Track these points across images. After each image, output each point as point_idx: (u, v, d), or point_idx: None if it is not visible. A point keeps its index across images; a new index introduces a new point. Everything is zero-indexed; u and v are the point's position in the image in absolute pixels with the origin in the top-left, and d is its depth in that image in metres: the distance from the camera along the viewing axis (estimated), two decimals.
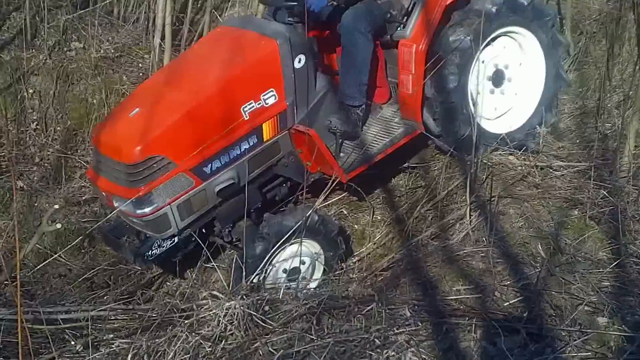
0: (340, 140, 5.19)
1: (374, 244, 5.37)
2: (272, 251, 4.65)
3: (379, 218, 5.59)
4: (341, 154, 5.19)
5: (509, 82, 5.64)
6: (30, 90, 7.02)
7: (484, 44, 5.29)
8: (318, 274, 5.11)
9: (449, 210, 5.31)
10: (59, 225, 4.34)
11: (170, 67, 5.61)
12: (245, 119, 4.78)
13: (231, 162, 4.80)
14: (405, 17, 5.25)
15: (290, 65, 4.87)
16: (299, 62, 4.92)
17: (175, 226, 4.73)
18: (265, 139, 4.92)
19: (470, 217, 5.11)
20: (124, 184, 4.57)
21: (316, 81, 5.13)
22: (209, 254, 4.64)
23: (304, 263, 4.96)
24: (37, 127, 6.86)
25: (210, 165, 4.71)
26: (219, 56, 4.99)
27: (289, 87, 4.91)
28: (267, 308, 3.95)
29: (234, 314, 3.81)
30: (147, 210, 4.58)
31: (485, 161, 5.58)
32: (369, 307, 3.96)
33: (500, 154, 5.74)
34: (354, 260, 5.23)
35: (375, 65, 5.37)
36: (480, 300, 4.31)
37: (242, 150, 4.82)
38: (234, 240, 5.10)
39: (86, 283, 4.61)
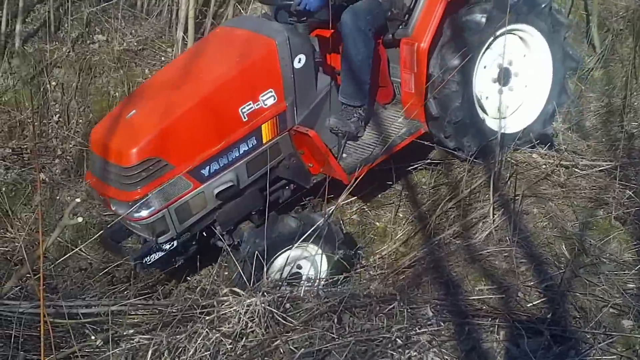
0: (342, 141, 5.15)
1: (396, 241, 5.33)
2: (271, 256, 4.66)
3: (400, 216, 5.57)
4: (343, 155, 5.15)
5: (516, 77, 5.58)
6: (53, 83, 7.05)
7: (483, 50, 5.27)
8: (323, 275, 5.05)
9: (472, 209, 5.26)
10: (80, 219, 4.28)
11: (169, 68, 5.53)
12: (244, 120, 4.72)
13: (230, 164, 4.75)
14: (407, 15, 5.20)
15: (289, 65, 4.81)
16: (299, 62, 4.85)
17: (174, 229, 4.67)
18: (264, 141, 4.86)
19: (493, 216, 5.07)
20: (121, 187, 4.52)
21: (317, 81, 5.05)
22: (229, 249, 4.64)
23: (301, 267, 4.95)
24: (60, 119, 6.88)
25: (208, 167, 4.66)
26: (217, 57, 4.95)
27: (288, 87, 4.85)
28: (288, 306, 3.93)
29: (255, 311, 3.79)
30: (144, 213, 4.53)
31: (509, 159, 5.55)
32: (390, 306, 3.93)
33: (524, 151, 5.71)
34: (376, 258, 5.21)
35: (377, 65, 5.33)
36: (503, 301, 4.27)
37: (241, 152, 4.77)
38: (236, 243, 5.02)
39: (107, 277, 4.61)
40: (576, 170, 5.55)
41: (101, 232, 4.59)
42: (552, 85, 5.68)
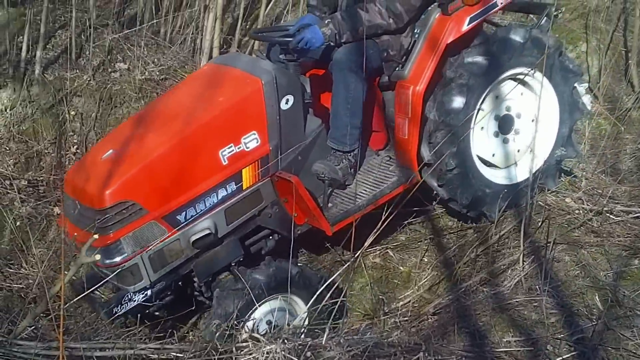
0: (329, 189, 5.07)
1: (420, 287, 5.35)
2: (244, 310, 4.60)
3: (426, 260, 5.58)
4: (329, 204, 5.05)
5: (519, 126, 5.49)
6: (72, 112, 7.10)
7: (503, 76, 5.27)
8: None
9: (500, 255, 5.29)
10: (97, 257, 4.31)
11: (150, 106, 5.43)
12: (224, 163, 4.63)
13: (207, 211, 4.63)
14: (404, 57, 5.16)
15: (275, 106, 4.71)
16: (286, 103, 4.75)
17: (147, 278, 4.54)
18: (245, 186, 4.75)
19: (523, 263, 5.09)
20: (93, 230, 4.29)
21: (306, 124, 4.95)
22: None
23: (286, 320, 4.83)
24: (77, 151, 6.94)
25: (184, 213, 4.55)
26: (200, 95, 4.85)
27: (272, 129, 4.75)
28: (309, 354, 3.95)
29: (275, 359, 3.84)
30: (116, 259, 4.42)
31: (541, 203, 5.58)
32: (415, 357, 3.97)
33: (556, 195, 5.75)
34: (399, 305, 5.22)
35: (371, 108, 5.28)
36: (531, 354, 4.31)
37: (219, 197, 4.66)
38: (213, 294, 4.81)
39: (121, 318, 4.65)
40: (611, 216, 5.58)
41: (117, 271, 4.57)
42: (557, 137, 5.61)
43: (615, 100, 7.33)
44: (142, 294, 4.60)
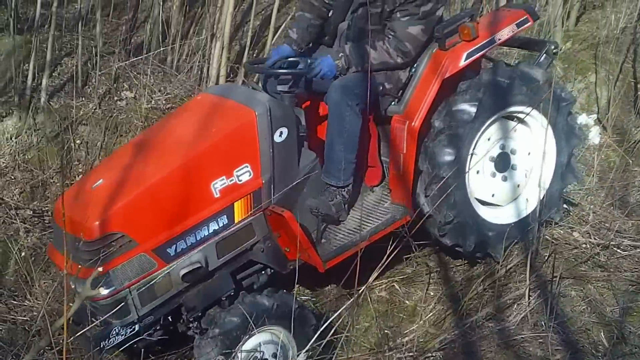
0: (322, 224, 5.04)
1: (426, 322, 5.37)
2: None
3: (432, 294, 5.60)
4: (322, 240, 5.02)
5: (516, 163, 5.44)
6: (78, 141, 7.18)
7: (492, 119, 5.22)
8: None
9: (507, 289, 5.31)
10: (103, 292, 4.34)
11: (142, 136, 5.42)
12: (215, 196, 4.60)
13: (198, 244, 4.59)
14: (401, 91, 5.16)
15: (268, 139, 4.68)
16: (280, 135, 4.73)
17: (135, 312, 4.50)
18: (236, 220, 4.70)
19: (529, 298, 5.12)
20: (82, 262, 4.33)
21: (300, 157, 4.92)
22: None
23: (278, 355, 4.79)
24: None
25: (174, 246, 4.50)
26: (193, 126, 4.83)
27: (265, 163, 4.72)
28: None
29: None
30: (104, 292, 4.36)
31: (547, 237, 5.62)
32: None
33: (563, 229, 5.79)
34: (405, 340, 5.24)
35: (366, 143, 5.27)
36: None
37: (210, 231, 4.61)
38: (203, 330, 4.74)
39: (126, 353, 4.67)
40: (618, 250, 5.61)
41: (121, 304, 4.56)
42: (557, 166, 5.56)
43: (624, 132, 7.35)
44: (130, 327, 4.56)
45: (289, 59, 5.14)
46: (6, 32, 7.91)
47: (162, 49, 8.17)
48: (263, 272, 5.11)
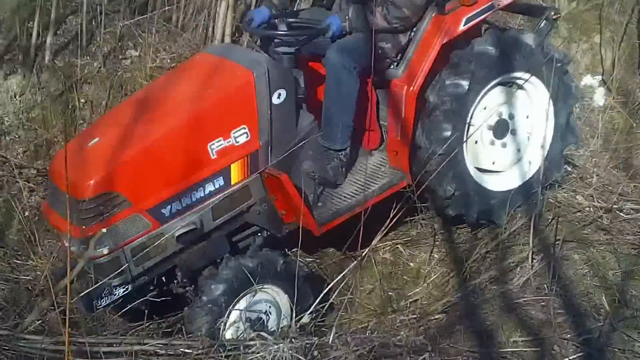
0: (319, 187, 5.01)
1: (429, 284, 5.39)
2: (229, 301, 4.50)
3: (436, 257, 5.61)
4: (318, 203, 4.99)
5: (515, 129, 5.44)
6: (82, 100, 7.13)
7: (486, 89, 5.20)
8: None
9: (510, 252, 5.32)
10: (105, 250, 4.32)
11: (140, 94, 5.30)
12: (212, 157, 4.54)
13: (193, 205, 4.54)
14: (399, 55, 5.14)
15: (266, 101, 4.62)
16: (278, 97, 4.66)
17: (129, 272, 4.45)
18: (233, 182, 4.65)
19: (532, 261, 5.12)
20: (74, 221, 4.27)
21: (298, 120, 4.86)
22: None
23: (269, 313, 4.72)
24: None
25: (169, 207, 4.45)
26: (190, 86, 4.78)
27: (263, 124, 4.66)
28: (315, 353, 4.02)
29: (282, 357, 3.89)
30: (97, 252, 4.30)
31: (551, 200, 5.61)
32: (422, 357, 4.03)
33: (566, 192, 5.77)
34: (408, 302, 5.25)
35: (364, 106, 5.19)
36: (538, 355, 4.34)
37: (206, 192, 4.56)
38: (198, 291, 4.69)
39: (130, 312, 4.67)
40: (621, 214, 5.61)
41: (125, 265, 4.55)
42: (556, 127, 5.53)
43: (628, 94, 7.33)
44: (123, 287, 4.50)
45: (306, 19, 5.11)
46: None
47: (167, 7, 8.06)
48: (259, 234, 5.07)
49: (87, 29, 7.50)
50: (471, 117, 5.17)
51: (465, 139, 5.13)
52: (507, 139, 5.40)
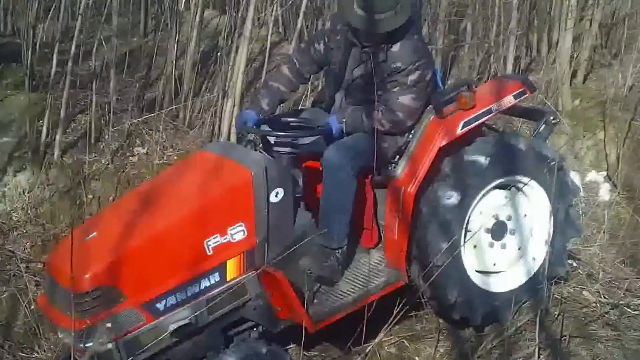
0: (316, 285, 5.00)
1: None
2: None
3: (441, 351, 5.54)
4: (314, 301, 4.95)
5: (513, 233, 5.38)
6: (90, 196, 7.19)
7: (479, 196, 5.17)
8: None
9: (516, 348, 5.25)
10: (110, 345, 4.31)
11: (138, 190, 5.38)
12: (208, 253, 4.54)
13: (188, 300, 4.53)
14: (398, 156, 5.15)
15: (264, 199, 4.65)
16: (276, 195, 4.69)
17: None
18: (228, 278, 4.65)
19: (538, 357, 5.04)
20: (69, 313, 4.22)
21: (295, 218, 4.89)
22: None
23: None
24: None
25: (164, 301, 4.44)
26: (189, 182, 4.82)
27: (260, 222, 4.67)
28: None
29: None
30: (90, 344, 4.28)
31: (557, 296, 5.57)
32: None
33: (572, 287, 5.74)
34: None
35: (362, 206, 5.24)
36: None
37: (201, 288, 4.56)
38: None
39: None
40: (628, 309, 5.56)
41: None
42: (555, 223, 5.46)
43: (633, 190, 7.33)
44: None
45: (304, 119, 5.18)
46: (21, 89, 8.03)
47: (174, 106, 8.23)
48: (255, 328, 5.03)
49: (95, 127, 7.64)
50: (467, 224, 5.15)
51: (462, 244, 5.11)
52: (507, 239, 5.36)
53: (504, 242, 5.35)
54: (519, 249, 5.42)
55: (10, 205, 7.00)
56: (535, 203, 5.40)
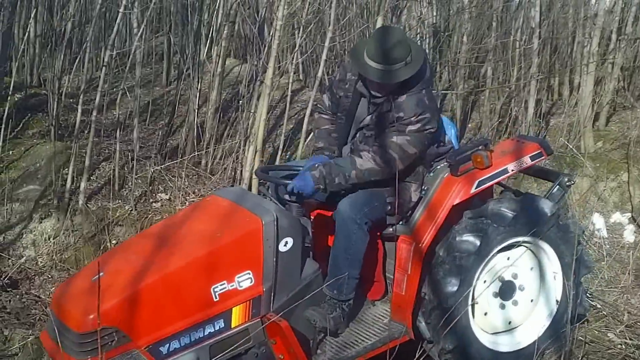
0: (320, 335, 4.96)
1: None
2: None
3: None
4: (318, 351, 4.93)
5: (522, 290, 5.28)
6: (113, 241, 7.25)
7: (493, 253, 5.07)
8: None
9: None
10: None
11: (147, 232, 5.44)
12: (214, 300, 4.53)
13: (192, 345, 4.50)
14: (410, 212, 5.12)
15: (273, 248, 4.64)
16: (285, 245, 4.68)
17: None
18: (233, 325, 4.62)
19: None
20: (73, 353, 4.27)
21: (303, 268, 4.86)
22: None
23: None
24: None
25: (168, 345, 4.42)
26: (199, 228, 4.80)
27: (268, 271, 4.66)
28: None
29: None
30: None
31: (581, 338, 5.52)
32: None
33: (598, 330, 5.69)
34: None
35: (371, 259, 5.19)
36: None
37: (205, 333, 4.53)
38: None
39: None
40: None
41: None
42: (563, 267, 5.30)
43: None
44: None
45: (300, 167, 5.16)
46: (47, 138, 8.17)
47: (196, 152, 8.31)
48: None
49: (119, 175, 7.73)
50: (480, 275, 5.07)
51: (471, 295, 5.02)
52: (517, 296, 5.28)
53: (515, 299, 5.27)
54: (531, 300, 5.34)
55: (36, 251, 7.08)
56: (541, 257, 5.32)
